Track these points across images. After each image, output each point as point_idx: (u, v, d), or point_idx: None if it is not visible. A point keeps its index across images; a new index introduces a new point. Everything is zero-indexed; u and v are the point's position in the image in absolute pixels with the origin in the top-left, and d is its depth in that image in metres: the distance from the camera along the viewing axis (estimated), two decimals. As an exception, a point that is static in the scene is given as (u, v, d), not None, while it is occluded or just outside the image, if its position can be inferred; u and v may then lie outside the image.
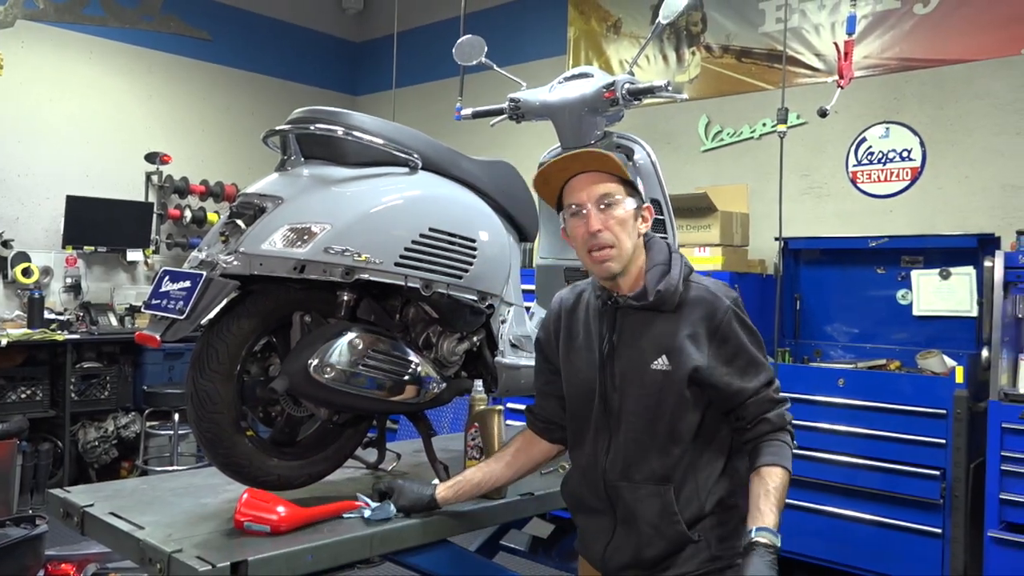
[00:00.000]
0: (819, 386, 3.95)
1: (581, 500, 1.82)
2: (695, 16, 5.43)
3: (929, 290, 4.19)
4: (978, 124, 4.38)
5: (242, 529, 1.69)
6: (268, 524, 1.69)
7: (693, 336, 1.68)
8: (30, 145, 5.64)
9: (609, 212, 1.69)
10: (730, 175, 5.25)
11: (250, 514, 1.69)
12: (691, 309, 1.70)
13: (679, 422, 1.68)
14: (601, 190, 1.70)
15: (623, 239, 1.69)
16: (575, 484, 1.84)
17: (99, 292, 5.92)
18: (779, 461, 1.66)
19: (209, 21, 6.58)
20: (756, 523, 1.60)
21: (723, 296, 1.72)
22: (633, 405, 1.70)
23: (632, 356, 1.71)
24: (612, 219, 1.69)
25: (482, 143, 6.28)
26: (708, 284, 1.75)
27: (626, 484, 1.71)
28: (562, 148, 2.47)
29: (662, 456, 1.69)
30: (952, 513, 3.59)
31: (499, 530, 2.63)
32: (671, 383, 1.67)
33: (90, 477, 5.32)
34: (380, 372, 1.86)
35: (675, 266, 1.73)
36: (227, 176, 6.56)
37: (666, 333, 1.69)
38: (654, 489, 1.69)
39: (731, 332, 1.70)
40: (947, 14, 4.47)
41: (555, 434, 1.92)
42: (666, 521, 1.68)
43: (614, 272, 1.71)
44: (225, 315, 1.75)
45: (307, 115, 1.84)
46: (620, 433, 1.72)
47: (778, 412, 1.71)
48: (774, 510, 1.61)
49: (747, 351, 1.71)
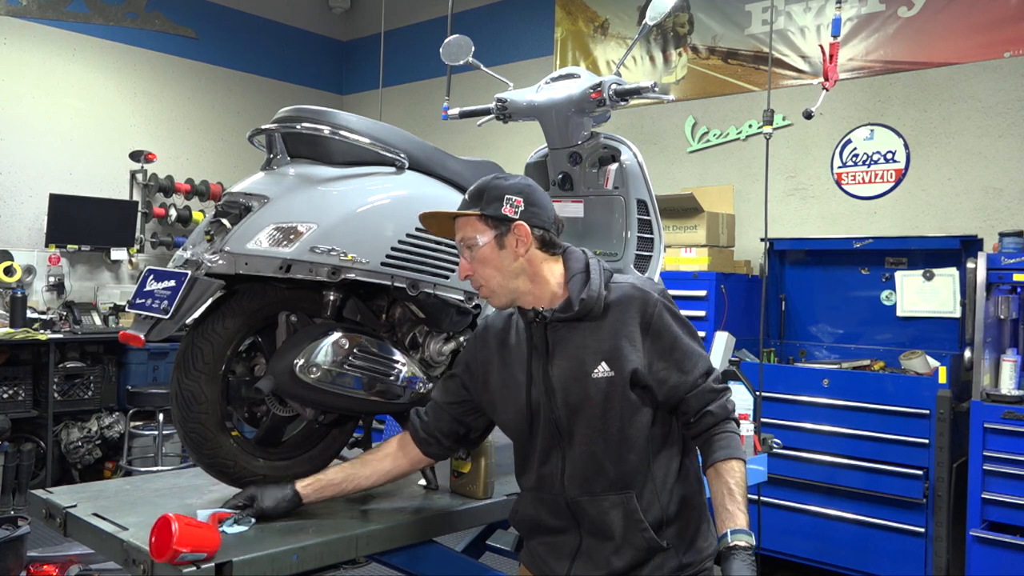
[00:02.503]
0: (804, 386, 3.97)
1: (538, 522, 1.77)
2: (682, 18, 5.45)
3: (913, 291, 4.22)
4: (962, 127, 4.42)
5: (175, 563, 1.50)
6: (206, 551, 1.53)
7: (628, 336, 1.66)
8: (12, 143, 5.59)
9: (473, 254, 1.70)
10: (716, 176, 5.27)
11: (190, 542, 1.51)
12: (621, 309, 1.68)
13: (629, 427, 1.66)
14: (460, 235, 1.71)
15: (490, 278, 1.70)
16: (528, 508, 1.79)
17: (83, 291, 5.88)
18: (733, 454, 1.65)
19: (195, 19, 6.54)
20: (729, 525, 1.58)
21: (650, 290, 1.70)
22: (582, 417, 1.67)
23: (571, 368, 1.68)
24: (476, 262, 1.70)
25: (469, 143, 6.28)
26: (632, 280, 1.73)
27: (588, 498, 1.68)
28: (549, 148, 2.48)
29: (618, 463, 1.66)
30: (935, 512, 3.62)
31: (485, 530, 2.63)
32: (615, 388, 1.65)
33: (73, 478, 5.27)
34: (366, 372, 1.86)
35: (594, 271, 1.70)
36: (212, 175, 6.53)
37: (601, 339, 1.67)
38: (616, 499, 1.67)
39: (664, 325, 1.68)
40: (931, 17, 4.50)
41: (432, 448, 1.86)
42: (632, 529, 1.66)
43: (502, 305, 1.73)
44: (210, 315, 1.75)
45: (293, 114, 1.84)
46: (573, 447, 1.69)
47: (720, 403, 1.69)
48: (743, 508, 1.60)
49: (682, 343, 1.69)
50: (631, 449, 1.67)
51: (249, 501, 1.77)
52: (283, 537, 1.69)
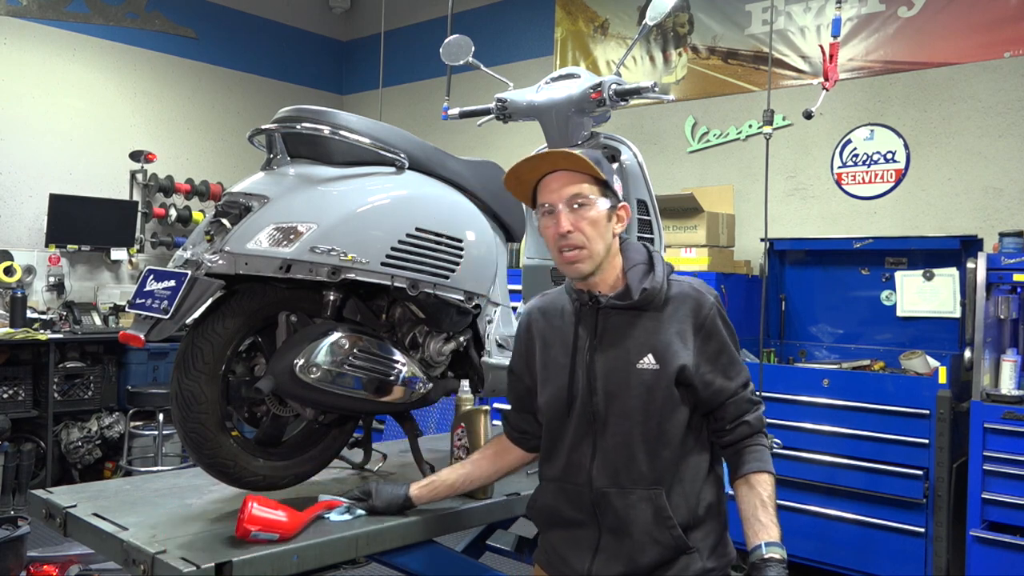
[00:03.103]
0: (804, 386, 3.97)
1: (557, 514, 1.75)
2: (682, 18, 5.45)
3: (913, 291, 4.22)
4: (961, 127, 4.42)
5: (248, 539, 1.64)
6: (277, 531, 1.65)
7: (680, 333, 1.67)
8: (12, 143, 5.59)
9: (581, 213, 1.67)
10: (716, 176, 5.27)
11: (260, 522, 1.64)
12: (676, 306, 1.69)
13: (667, 422, 1.65)
14: (573, 190, 1.68)
15: (594, 240, 1.67)
16: (548, 498, 1.77)
17: (83, 291, 5.88)
18: (765, 467, 1.66)
19: (195, 19, 6.54)
20: (763, 537, 1.58)
21: (707, 293, 1.72)
22: (620, 407, 1.66)
23: (617, 356, 1.68)
24: (583, 220, 1.67)
25: (469, 143, 6.28)
26: (691, 281, 1.74)
27: (616, 491, 1.65)
28: (549, 148, 2.48)
29: (652, 458, 1.65)
30: (935, 512, 3.62)
31: (485, 530, 2.63)
32: (659, 382, 1.64)
33: (73, 478, 5.27)
34: (366, 372, 1.85)
35: (658, 264, 1.73)
36: (212, 175, 6.53)
37: (653, 331, 1.67)
38: (645, 494, 1.64)
39: (715, 328, 1.69)
40: (931, 17, 4.50)
41: (530, 443, 1.89)
42: (660, 527, 1.63)
43: (584, 272, 1.70)
44: (210, 315, 1.74)
45: (293, 114, 1.83)
46: (606, 437, 1.67)
47: (756, 415, 1.71)
48: (775, 521, 1.60)
49: (729, 349, 1.71)
50: (666, 445, 1.65)
51: (365, 496, 1.85)
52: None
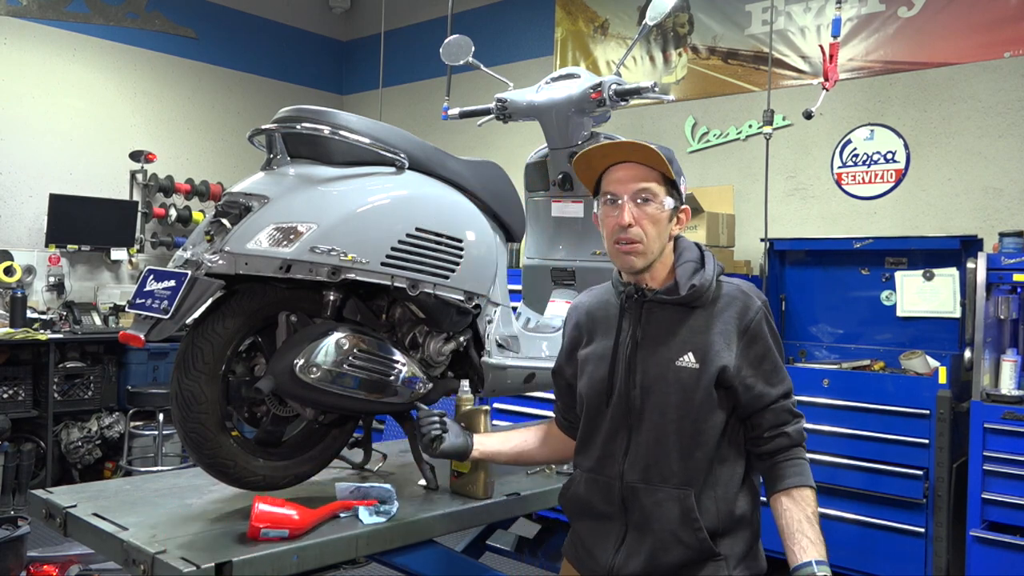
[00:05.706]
0: (804, 386, 3.97)
1: (588, 505, 1.73)
2: (682, 18, 5.45)
3: (913, 291, 4.22)
4: (961, 127, 4.42)
5: (258, 537, 1.65)
6: (287, 528, 1.67)
7: (724, 334, 1.63)
8: (12, 143, 5.59)
9: (644, 208, 1.66)
10: (716, 176, 5.27)
11: (268, 519, 1.65)
12: (723, 307, 1.66)
13: (703, 423, 1.62)
14: (641, 184, 1.66)
15: (652, 237, 1.66)
16: (580, 488, 1.75)
17: (83, 291, 5.88)
18: (808, 482, 1.64)
19: (195, 19, 6.54)
20: (812, 554, 1.55)
21: (755, 296, 1.69)
22: (658, 403, 1.64)
23: (658, 352, 1.66)
24: (645, 216, 1.65)
25: (469, 143, 6.29)
26: (740, 284, 1.71)
27: (645, 487, 1.63)
28: (549, 148, 2.48)
29: (684, 459, 1.62)
30: (935, 512, 3.61)
31: (485, 530, 2.64)
32: (699, 381, 1.61)
33: (73, 478, 5.27)
34: (366, 372, 1.85)
35: (709, 263, 1.71)
36: (212, 175, 6.53)
37: (696, 330, 1.65)
38: (674, 493, 1.61)
39: (761, 333, 1.66)
40: (931, 17, 4.50)
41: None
42: (686, 528, 1.60)
43: (636, 267, 1.68)
44: (210, 315, 1.74)
45: (293, 114, 1.83)
46: (641, 432, 1.65)
47: (796, 427, 1.67)
48: (821, 538, 1.58)
49: (773, 355, 1.67)
50: (700, 446, 1.63)
51: (442, 430, 1.89)
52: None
